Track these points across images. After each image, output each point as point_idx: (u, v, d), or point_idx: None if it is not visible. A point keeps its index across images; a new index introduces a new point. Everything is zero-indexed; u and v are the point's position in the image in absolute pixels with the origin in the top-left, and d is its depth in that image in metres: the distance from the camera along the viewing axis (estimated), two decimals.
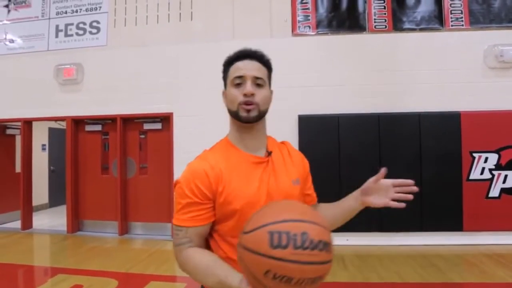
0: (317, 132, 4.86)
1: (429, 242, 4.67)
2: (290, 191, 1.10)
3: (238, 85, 1.07)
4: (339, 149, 4.83)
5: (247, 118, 1.07)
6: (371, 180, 1.10)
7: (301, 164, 1.23)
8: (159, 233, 5.46)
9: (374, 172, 1.11)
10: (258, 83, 1.08)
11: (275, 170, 1.12)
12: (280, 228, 0.75)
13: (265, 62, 1.13)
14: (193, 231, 1.03)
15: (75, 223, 5.75)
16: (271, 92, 1.15)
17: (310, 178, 1.28)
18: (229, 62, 1.12)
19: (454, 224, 4.64)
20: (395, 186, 1.10)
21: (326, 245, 0.77)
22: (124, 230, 5.58)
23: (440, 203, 4.64)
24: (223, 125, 5.13)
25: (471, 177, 4.70)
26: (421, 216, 4.64)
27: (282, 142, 1.26)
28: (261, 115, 1.10)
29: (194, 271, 0.97)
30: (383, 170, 1.08)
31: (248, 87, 1.06)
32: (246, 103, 1.05)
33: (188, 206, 1.03)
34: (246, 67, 1.08)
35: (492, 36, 4.90)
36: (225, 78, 1.14)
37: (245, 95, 1.05)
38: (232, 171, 1.06)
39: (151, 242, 5.21)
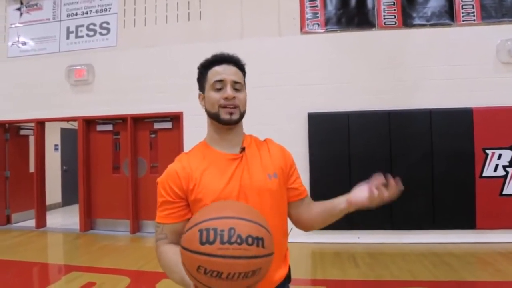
0: (327, 130, 4.84)
1: (441, 240, 4.61)
2: (265, 185, 1.10)
3: (218, 89, 1.11)
4: (349, 147, 4.80)
5: (230, 120, 1.11)
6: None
7: (281, 158, 1.21)
8: None
9: (384, 169, 1.10)
10: (236, 88, 1.12)
11: (249, 165, 1.13)
12: (209, 225, 0.79)
13: (241, 67, 1.18)
14: (168, 228, 1.09)
15: (88, 222, 5.83)
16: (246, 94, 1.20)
17: (295, 172, 1.24)
18: (205, 66, 1.15)
19: (467, 222, 4.58)
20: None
21: (256, 240, 0.78)
22: (136, 228, 5.65)
23: (453, 200, 4.58)
24: None
25: (484, 174, 4.62)
26: (433, 214, 4.59)
27: (264, 140, 1.26)
28: (242, 116, 1.15)
29: (164, 266, 1.05)
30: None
31: (229, 91, 1.10)
32: (228, 107, 1.10)
33: (164, 204, 1.10)
34: (225, 71, 1.12)
35: (505, 30, 4.81)
36: (202, 81, 1.17)
37: (226, 98, 1.10)
38: (204, 170, 1.10)
39: None
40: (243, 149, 1.16)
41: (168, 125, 5.63)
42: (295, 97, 4.99)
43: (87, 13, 5.95)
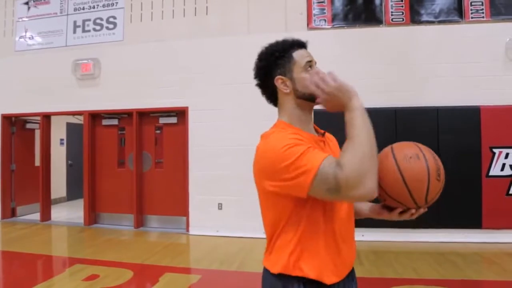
0: (333, 127, 4.78)
1: (447, 239, 4.57)
2: None
3: (307, 70, 1.12)
4: None
5: None
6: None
7: (337, 148, 1.26)
8: (174, 226, 5.52)
9: None
10: None
11: (331, 149, 1.19)
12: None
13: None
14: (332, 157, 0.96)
15: (92, 216, 5.86)
16: None
17: None
18: (286, 49, 1.14)
19: (473, 221, 4.53)
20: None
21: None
22: (140, 223, 5.66)
23: (459, 199, 4.52)
24: (240, 118, 5.15)
25: (491, 173, 4.57)
26: (439, 212, 4.53)
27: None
28: None
29: (364, 154, 0.92)
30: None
31: (321, 71, 1.12)
32: None
33: (310, 150, 0.96)
34: (309, 54, 1.15)
35: None
36: (283, 64, 1.14)
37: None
38: (309, 146, 1.02)
39: (166, 235, 5.27)
40: (323, 134, 1.22)
41: (174, 120, 5.63)
42: None
43: (94, 7, 5.97)
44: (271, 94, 1.19)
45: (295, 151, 0.95)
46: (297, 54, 1.13)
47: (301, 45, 1.16)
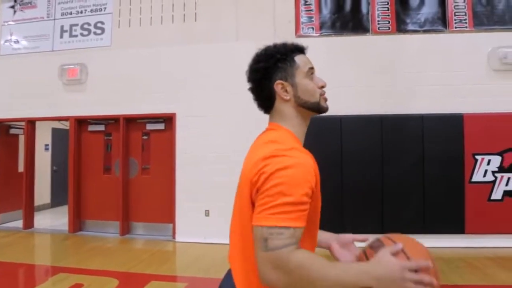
0: (319, 133, 4.85)
1: (431, 244, 4.52)
2: None
3: (310, 76, 1.08)
4: (341, 151, 4.81)
5: (327, 108, 1.09)
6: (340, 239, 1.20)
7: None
8: (161, 233, 5.46)
9: (377, 173, 1.13)
10: None
11: None
12: None
13: None
14: (300, 232, 0.87)
15: (77, 223, 5.75)
16: None
17: None
18: (287, 53, 1.07)
19: (456, 226, 4.61)
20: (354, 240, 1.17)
21: None
22: (126, 230, 5.58)
23: (442, 205, 4.61)
24: (227, 125, 5.14)
25: (474, 179, 4.67)
26: (423, 218, 4.61)
27: None
28: None
29: (329, 274, 0.84)
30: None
31: (323, 80, 1.09)
32: (324, 95, 1.09)
33: (301, 204, 0.87)
34: (310, 61, 1.10)
35: (496, 38, 4.89)
36: (284, 68, 1.06)
37: (322, 87, 1.09)
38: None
39: (153, 242, 5.20)
40: None
41: (161, 126, 5.59)
42: None
43: (81, 12, 5.92)
44: (266, 100, 1.08)
45: (304, 200, 0.88)
46: (299, 59, 1.07)
47: (301, 50, 1.10)
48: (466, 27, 5.02)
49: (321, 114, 1.11)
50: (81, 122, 5.87)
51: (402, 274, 0.83)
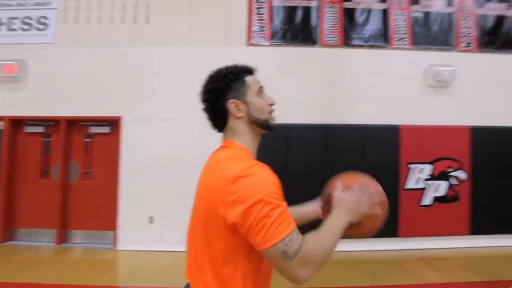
0: (267, 141, 4.90)
1: (367, 248, 4.84)
2: None
3: (260, 95, 1.16)
4: (288, 160, 4.93)
5: (275, 126, 1.18)
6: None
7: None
8: (101, 241, 5.20)
9: (319, 183, 1.22)
10: None
11: None
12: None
13: None
14: (295, 225, 0.99)
15: (8, 232, 5.28)
16: None
17: None
18: (239, 74, 1.15)
19: (391, 230, 4.88)
20: None
21: None
22: (63, 238, 5.23)
23: None
24: (174, 131, 5.03)
25: (407, 186, 5.02)
26: None
27: None
28: None
29: (329, 242, 1.01)
30: None
31: (272, 98, 1.18)
32: (272, 113, 1.17)
33: (285, 207, 0.97)
34: (259, 81, 1.19)
35: (431, 56, 5.33)
36: (237, 87, 1.13)
37: (272, 104, 1.17)
38: None
39: (92, 251, 4.94)
40: None
41: (106, 129, 5.36)
42: None
43: (23, 4, 5.55)
44: (220, 118, 1.14)
45: (279, 204, 0.96)
46: (250, 79, 1.15)
47: (251, 71, 1.19)
48: (406, 45, 5.42)
49: (270, 131, 1.19)
50: (17, 123, 5.46)
51: (357, 196, 1.10)
